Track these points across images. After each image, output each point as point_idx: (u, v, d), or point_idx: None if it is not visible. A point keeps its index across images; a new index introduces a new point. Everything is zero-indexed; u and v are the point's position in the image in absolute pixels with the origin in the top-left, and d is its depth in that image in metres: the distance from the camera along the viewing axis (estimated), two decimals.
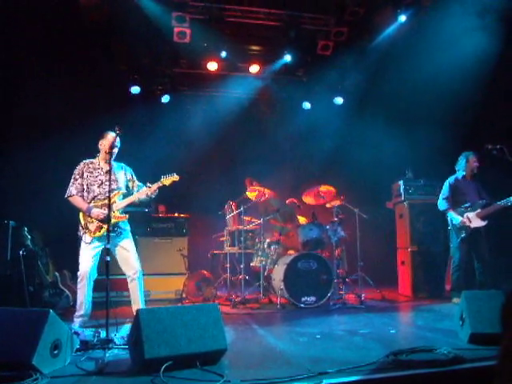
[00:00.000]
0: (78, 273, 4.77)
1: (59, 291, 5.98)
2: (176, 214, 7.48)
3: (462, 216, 6.20)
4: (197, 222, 7.87)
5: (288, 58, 8.34)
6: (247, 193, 7.39)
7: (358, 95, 9.12)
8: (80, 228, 4.87)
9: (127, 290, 4.99)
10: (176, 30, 7.42)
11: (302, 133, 9.49)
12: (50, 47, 7.35)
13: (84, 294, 4.75)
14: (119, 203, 4.93)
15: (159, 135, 8.22)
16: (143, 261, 5.02)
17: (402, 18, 7.41)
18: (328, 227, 6.85)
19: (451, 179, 6.49)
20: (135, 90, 8.55)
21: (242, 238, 6.94)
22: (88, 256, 4.78)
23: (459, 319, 4.05)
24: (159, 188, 5.02)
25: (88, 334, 4.08)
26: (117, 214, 4.88)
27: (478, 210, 6.15)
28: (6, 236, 5.85)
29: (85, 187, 4.93)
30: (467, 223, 6.15)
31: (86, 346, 3.80)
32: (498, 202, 5.99)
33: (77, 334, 4.00)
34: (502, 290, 4.16)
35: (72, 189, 4.91)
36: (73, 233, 4.91)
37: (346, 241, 7.17)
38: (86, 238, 4.80)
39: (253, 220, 7.42)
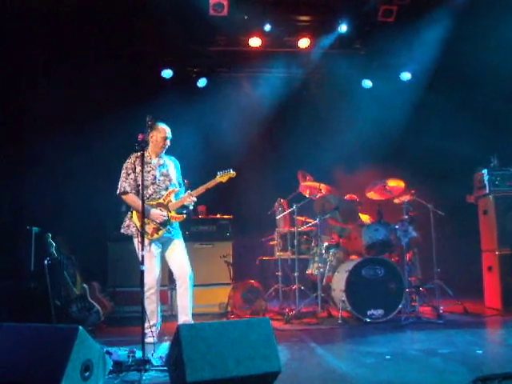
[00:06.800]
0: (145, 281, 4.80)
1: (88, 305, 6.11)
2: (218, 215, 7.54)
3: None
4: (242, 224, 7.92)
5: (343, 28, 8.27)
6: (300, 189, 7.37)
7: (429, 69, 8.89)
8: (134, 230, 5.04)
9: (166, 303, 5.08)
10: (212, 1, 7.46)
11: (362, 116, 9.35)
12: (69, 29, 7.55)
13: (155, 303, 4.99)
14: (175, 203, 5.10)
15: (195, 124, 8.28)
16: None
17: None
18: (397, 227, 6.73)
19: None
20: (167, 73, 8.71)
21: (295, 242, 6.92)
22: (153, 263, 4.99)
23: None
24: (216, 185, 5.16)
25: (122, 353, 4.16)
26: (173, 214, 5.09)
27: None
28: (29, 244, 6.00)
29: (138, 183, 5.07)
30: None
31: (119, 367, 3.88)
32: None
33: (109, 353, 4.09)
34: None
35: (125, 185, 5.07)
36: (102, 239, 5.02)
37: (419, 242, 7.09)
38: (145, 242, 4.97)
39: (307, 220, 7.39)
